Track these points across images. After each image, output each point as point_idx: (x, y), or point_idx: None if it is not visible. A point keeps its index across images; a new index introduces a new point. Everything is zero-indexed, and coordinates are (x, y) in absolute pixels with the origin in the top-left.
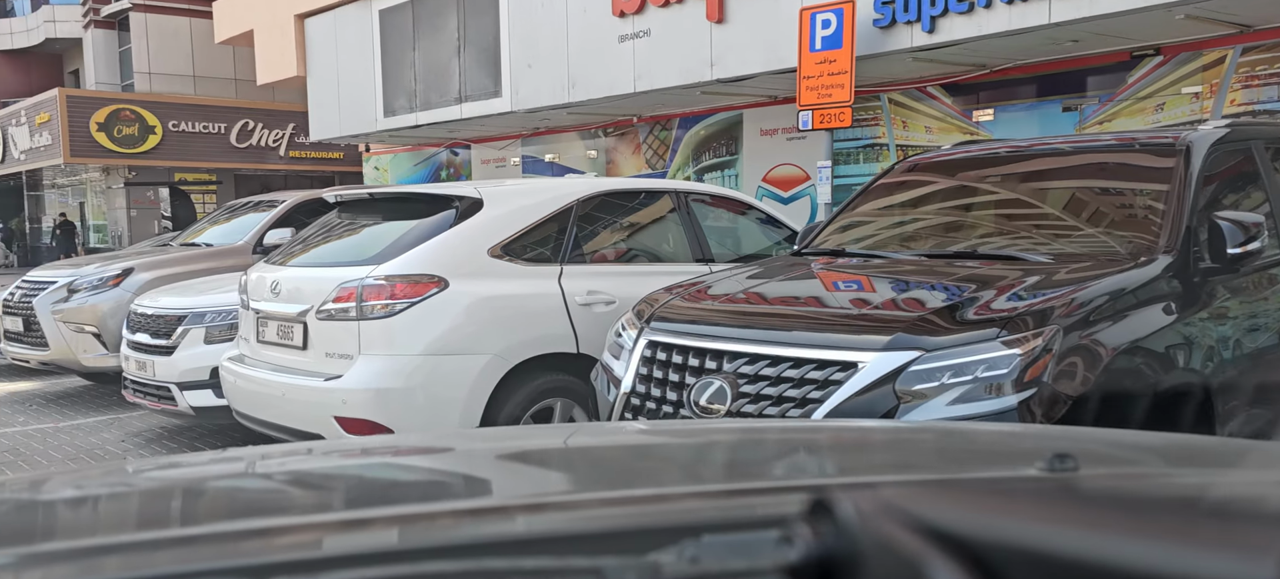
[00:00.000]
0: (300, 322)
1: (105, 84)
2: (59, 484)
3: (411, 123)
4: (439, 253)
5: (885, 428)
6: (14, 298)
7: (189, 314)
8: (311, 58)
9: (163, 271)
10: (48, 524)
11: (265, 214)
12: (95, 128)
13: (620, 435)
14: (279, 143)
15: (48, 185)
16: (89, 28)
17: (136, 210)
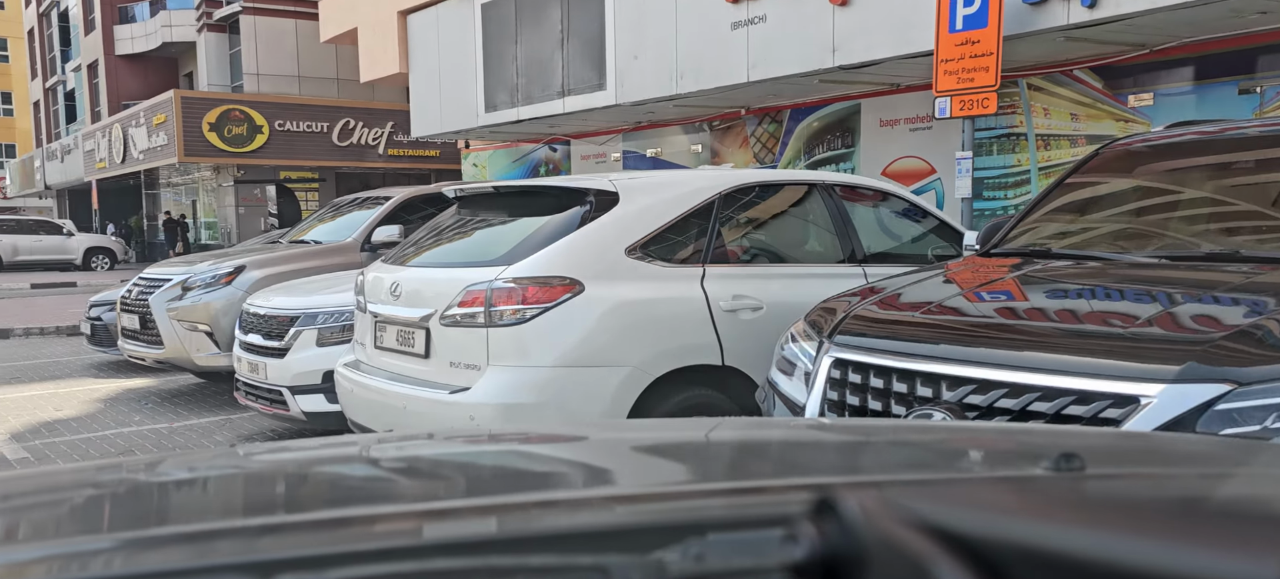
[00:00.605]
0: (422, 327)
1: (216, 86)
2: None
3: (512, 118)
4: (572, 252)
5: (890, 426)
6: (131, 295)
7: (301, 315)
8: (413, 54)
9: (273, 269)
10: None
11: (372, 211)
12: (207, 128)
13: (625, 433)
14: (378, 141)
15: (164, 184)
16: (202, 31)
17: (244, 208)
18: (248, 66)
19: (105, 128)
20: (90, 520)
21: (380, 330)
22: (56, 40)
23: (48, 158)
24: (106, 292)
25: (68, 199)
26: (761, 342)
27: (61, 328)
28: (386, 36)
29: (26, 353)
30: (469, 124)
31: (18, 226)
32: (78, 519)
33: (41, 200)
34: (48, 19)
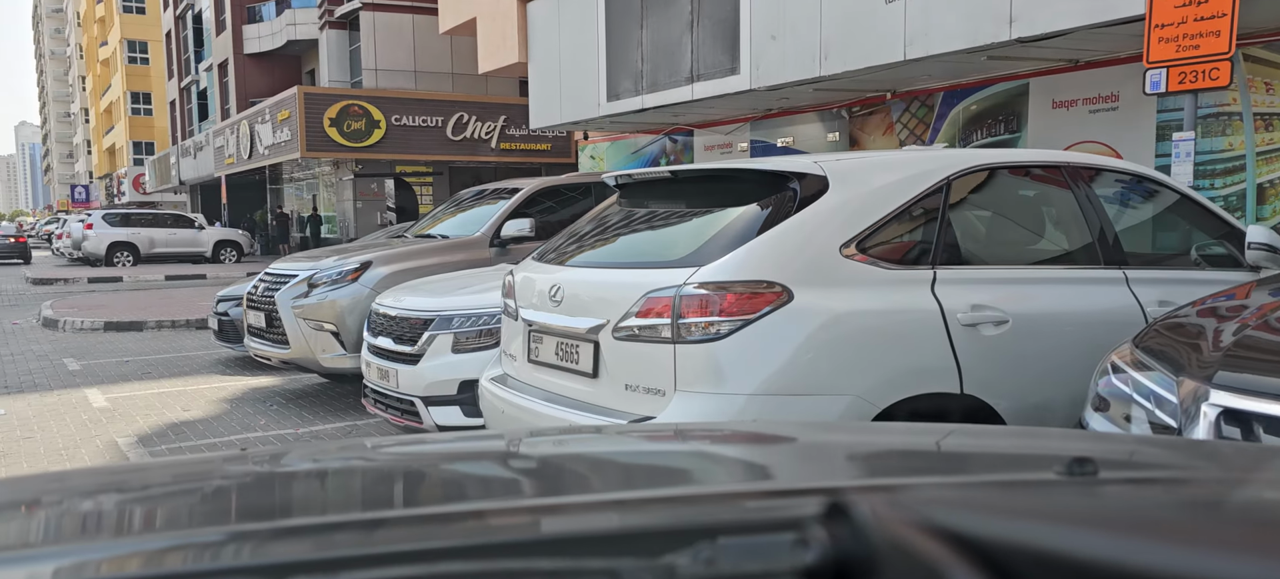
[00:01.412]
0: (589, 340)
1: (337, 82)
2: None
3: (636, 106)
4: (777, 251)
5: (902, 430)
6: (257, 292)
7: (436, 317)
8: (533, 43)
9: (400, 266)
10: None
11: (501, 204)
12: (327, 123)
13: (636, 438)
14: (491, 135)
15: (286, 179)
16: (324, 29)
17: (362, 202)
18: (366, 62)
19: (234, 125)
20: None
21: (535, 341)
22: (191, 42)
23: (182, 154)
24: (233, 286)
25: (199, 194)
26: (1009, 365)
27: (191, 321)
28: (505, 26)
29: (158, 346)
30: (589, 114)
31: (154, 220)
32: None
33: (176, 195)
34: (183, 21)
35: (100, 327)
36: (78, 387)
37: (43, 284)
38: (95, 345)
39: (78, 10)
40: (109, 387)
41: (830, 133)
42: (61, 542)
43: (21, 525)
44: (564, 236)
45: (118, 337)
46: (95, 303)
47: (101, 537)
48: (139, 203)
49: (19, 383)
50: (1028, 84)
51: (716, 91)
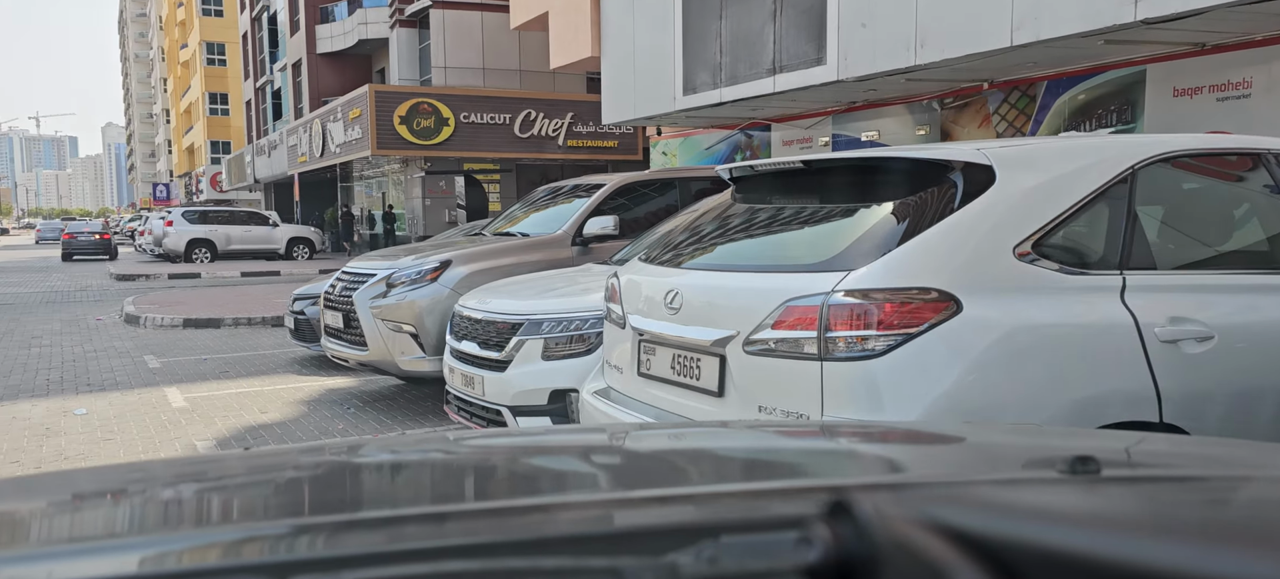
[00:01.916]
0: (715, 354)
1: (406, 80)
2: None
3: (714, 100)
4: (940, 253)
5: (905, 429)
6: (334, 291)
7: (525, 321)
8: (607, 36)
9: (480, 265)
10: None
11: (581, 201)
12: (397, 121)
13: (639, 437)
14: (558, 132)
15: (356, 177)
16: (394, 27)
17: (430, 200)
18: (436, 60)
19: (306, 123)
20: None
21: (646, 353)
22: (266, 43)
23: (256, 153)
24: (309, 285)
25: (273, 192)
26: (1216, 389)
27: (267, 318)
28: (578, 20)
29: (235, 344)
30: (665, 109)
31: (231, 218)
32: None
33: (250, 193)
34: (259, 23)
35: (179, 323)
36: (157, 385)
37: (125, 280)
38: (175, 342)
39: (160, 14)
40: (188, 385)
41: (920, 126)
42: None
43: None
44: (676, 235)
45: (196, 333)
46: (175, 299)
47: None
48: (215, 201)
49: (101, 381)
50: (1145, 71)
51: (800, 83)
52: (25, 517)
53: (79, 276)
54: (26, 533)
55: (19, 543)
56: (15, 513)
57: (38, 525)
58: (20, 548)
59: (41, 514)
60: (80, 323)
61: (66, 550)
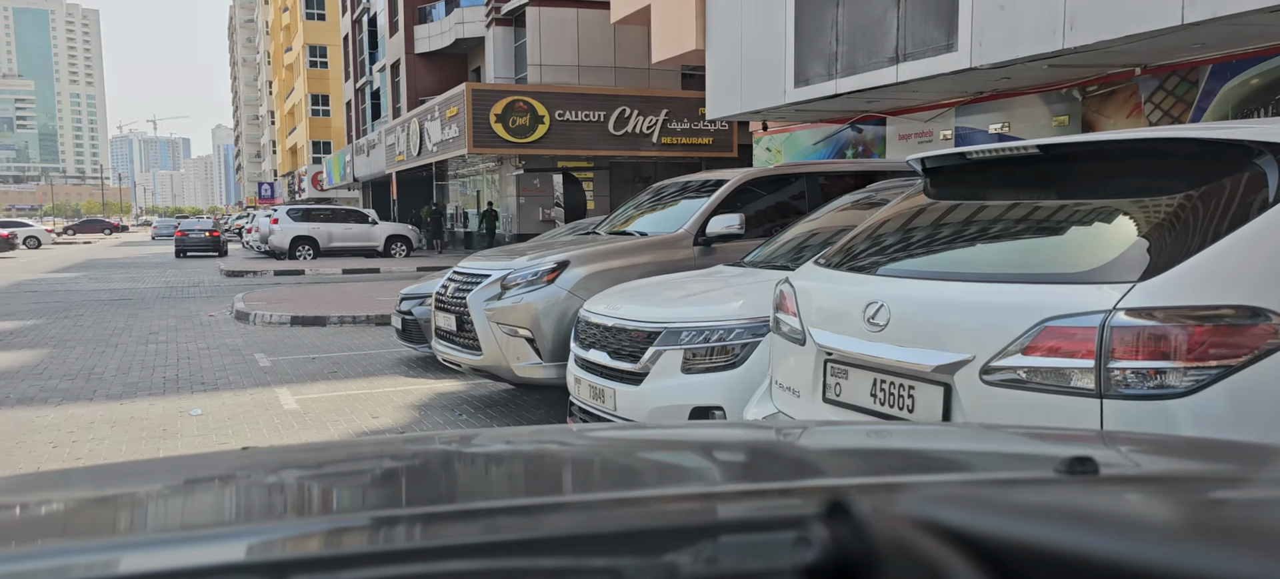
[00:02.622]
0: (938, 382)
1: (502, 78)
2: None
3: (828, 92)
4: (1260, 261)
5: (903, 430)
6: (446, 292)
7: (662, 330)
8: (712, 29)
9: (600, 265)
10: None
11: (702, 198)
12: (494, 119)
13: (639, 437)
14: (652, 129)
15: (451, 176)
16: (491, 26)
17: (525, 198)
18: (531, 58)
19: (404, 123)
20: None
21: (835, 375)
22: (366, 44)
23: (356, 152)
24: (416, 285)
25: (370, 190)
26: None
27: (371, 317)
28: (682, 12)
29: (341, 343)
30: (774, 102)
31: (332, 216)
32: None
33: (349, 191)
34: (359, 25)
35: (287, 321)
36: (268, 385)
37: (234, 276)
38: (283, 340)
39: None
40: (298, 386)
41: (1057, 116)
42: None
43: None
44: (863, 237)
45: (303, 331)
46: (281, 296)
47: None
48: (316, 199)
49: (214, 380)
50: None
51: (927, 72)
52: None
53: (191, 272)
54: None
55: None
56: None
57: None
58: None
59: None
60: (193, 319)
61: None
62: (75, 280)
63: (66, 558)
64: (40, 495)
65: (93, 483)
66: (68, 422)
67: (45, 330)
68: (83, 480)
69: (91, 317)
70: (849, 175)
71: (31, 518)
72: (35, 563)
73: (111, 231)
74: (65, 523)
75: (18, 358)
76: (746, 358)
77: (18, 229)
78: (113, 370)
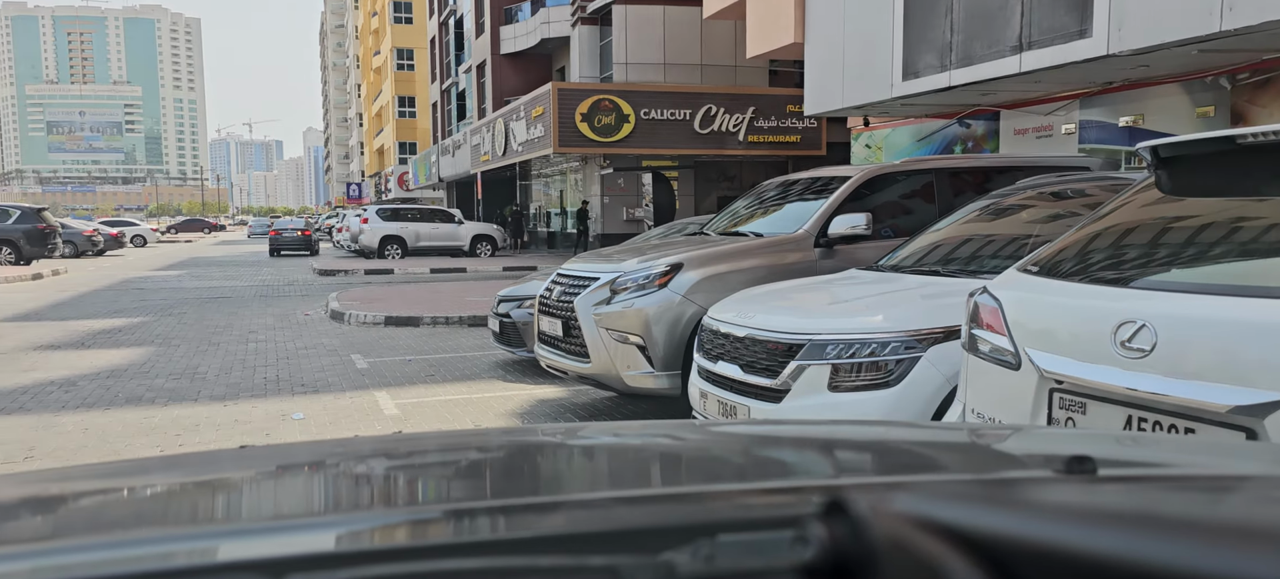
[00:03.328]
0: (1238, 426)
1: (587, 77)
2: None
3: (941, 84)
4: None
5: (902, 429)
6: (551, 296)
7: (806, 342)
8: (812, 20)
9: (715, 268)
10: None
11: (821, 198)
12: (579, 118)
13: (636, 435)
14: (738, 127)
15: (534, 175)
16: (576, 25)
17: (609, 198)
18: (618, 56)
19: (490, 123)
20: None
21: (1068, 409)
22: (452, 46)
23: (441, 153)
24: (514, 286)
25: (454, 190)
26: None
27: (463, 318)
28: (780, 4)
29: (435, 344)
30: (880, 96)
31: (420, 215)
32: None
33: (434, 191)
34: (446, 27)
35: (381, 321)
36: (367, 389)
37: (327, 275)
38: (378, 341)
39: (356, 25)
40: (397, 390)
41: (1201, 106)
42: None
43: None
44: (1091, 239)
45: (397, 332)
46: (374, 296)
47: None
48: (402, 199)
49: (314, 382)
50: None
51: (1055, 60)
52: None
53: (285, 271)
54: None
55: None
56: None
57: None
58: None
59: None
60: (290, 318)
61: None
62: (178, 278)
63: (69, 556)
64: (42, 492)
65: (98, 479)
66: (174, 423)
67: (151, 328)
68: (84, 477)
69: (194, 314)
70: (978, 171)
71: (37, 515)
72: (36, 561)
73: (210, 230)
74: (68, 520)
75: (126, 356)
76: (903, 375)
77: (126, 228)
78: (215, 370)
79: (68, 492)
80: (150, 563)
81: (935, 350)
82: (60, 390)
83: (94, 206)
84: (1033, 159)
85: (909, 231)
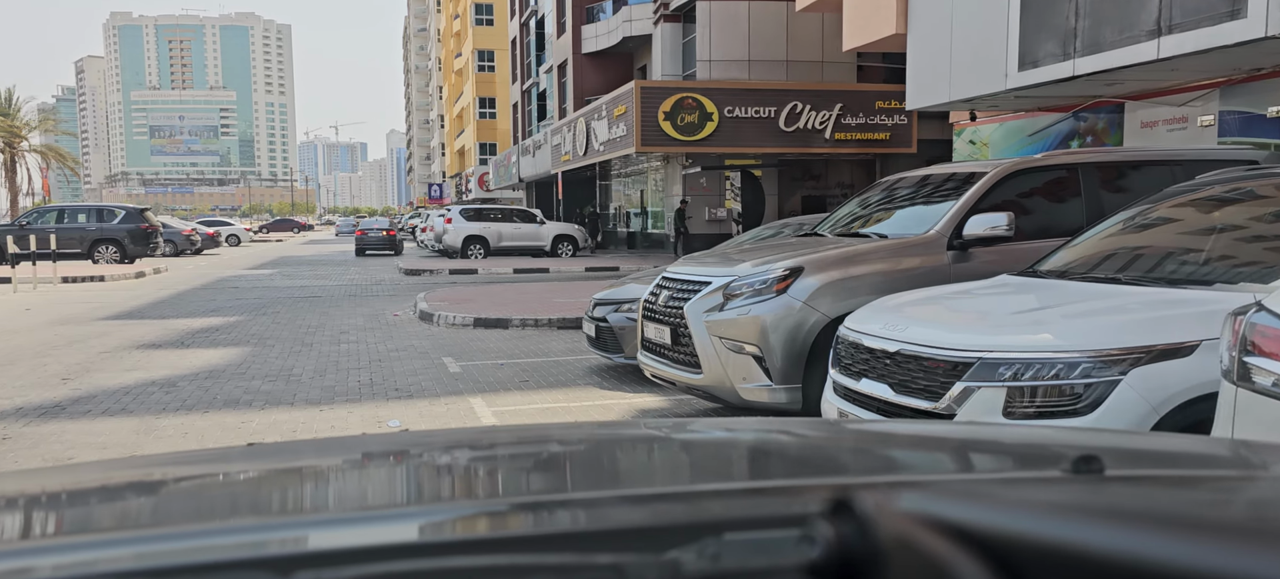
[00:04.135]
0: None
1: (669, 75)
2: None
3: (1063, 74)
4: None
5: (908, 428)
6: (657, 301)
7: (976, 360)
8: (916, 9)
9: (839, 273)
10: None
11: (949, 196)
12: (661, 117)
13: (643, 433)
14: (825, 125)
15: (614, 175)
16: (659, 22)
17: (691, 196)
18: (701, 54)
19: (571, 123)
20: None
21: None
22: (533, 46)
23: (521, 153)
24: (610, 289)
25: (534, 190)
26: None
27: (552, 320)
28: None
29: (525, 348)
30: (992, 88)
31: (502, 215)
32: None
33: (513, 192)
34: (527, 28)
35: (470, 323)
36: (462, 394)
37: (412, 275)
38: (468, 344)
39: (438, 28)
40: (492, 396)
41: None
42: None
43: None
44: None
45: (486, 334)
46: (460, 296)
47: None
48: (482, 199)
49: (407, 386)
50: None
51: (1200, 45)
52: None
53: (372, 270)
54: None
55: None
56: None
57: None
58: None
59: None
60: (379, 318)
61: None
62: (270, 277)
63: (88, 552)
64: (73, 485)
65: (113, 474)
66: (272, 428)
67: (246, 327)
68: (102, 472)
69: (287, 313)
70: (1132, 166)
71: (59, 511)
72: (52, 557)
73: (299, 230)
74: (92, 515)
75: (223, 356)
76: (1097, 402)
77: (222, 228)
78: (310, 372)
79: (91, 486)
80: (160, 560)
81: (1139, 373)
82: (161, 391)
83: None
84: (1187, 153)
85: (1052, 233)
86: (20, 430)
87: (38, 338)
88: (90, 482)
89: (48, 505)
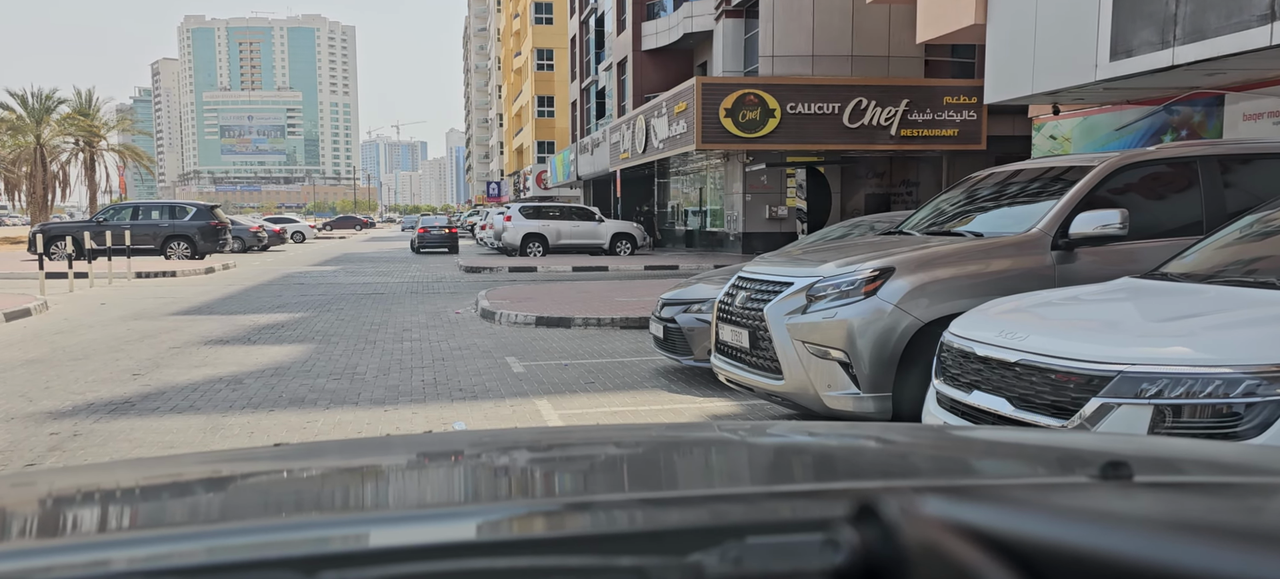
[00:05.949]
0: None
1: (731, 72)
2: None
3: (1161, 64)
4: None
5: (932, 433)
6: (734, 302)
7: (1115, 374)
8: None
9: (933, 274)
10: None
11: (1052, 192)
12: (723, 114)
13: (665, 436)
14: (891, 121)
15: (673, 173)
16: (720, 18)
17: (751, 195)
18: (763, 49)
19: (630, 120)
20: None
21: None
22: (592, 44)
23: (579, 151)
24: (678, 289)
25: (592, 188)
26: None
27: (614, 320)
28: None
29: (589, 348)
30: (1080, 80)
31: (561, 213)
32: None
33: (571, 190)
34: (587, 26)
35: (532, 322)
36: (527, 396)
37: (473, 272)
38: (531, 343)
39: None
40: (557, 398)
41: None
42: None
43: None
44: None
45: (549, 333)
46: (521, 295)
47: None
48: (541, 197)
49: (471, 386)
50: None
51: None
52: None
53: (432, 267)
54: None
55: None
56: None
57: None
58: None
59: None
60: (441, 316)
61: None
62: (334, 273)
63: (102, 552)
64: (95, 484)
65: (138, 473)
66: (336, 428)
67: (311, 324)
68: (128, 471)
69: (350, 310)
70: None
71: (69, 511)
72: (67, 557)
73: (361, 227)
74: (107, 516)
75: (288, 353)
76: (1265, 424)
77: (287, 225)
78: (373, 370)
79: (116, 487)
80: (182, 559)
81: None
82: (228, 389)
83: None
84: None
85: (1163, 232)
86: (91, 427)
87: (111, 333)
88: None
89: (83, 503)
